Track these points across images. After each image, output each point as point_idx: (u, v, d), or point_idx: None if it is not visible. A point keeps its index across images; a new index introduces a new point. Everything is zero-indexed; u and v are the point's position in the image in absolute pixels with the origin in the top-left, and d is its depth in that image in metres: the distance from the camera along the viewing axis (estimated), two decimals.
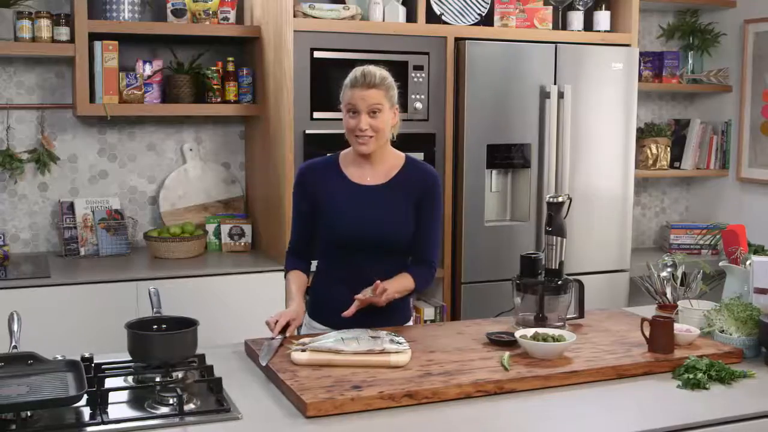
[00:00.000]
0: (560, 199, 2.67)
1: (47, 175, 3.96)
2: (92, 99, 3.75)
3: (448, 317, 4.04)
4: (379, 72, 2.60)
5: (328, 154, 2.80)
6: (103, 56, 3.74)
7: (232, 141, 4.30)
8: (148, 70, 3.92)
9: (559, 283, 2.65)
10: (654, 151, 4.84)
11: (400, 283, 2.66)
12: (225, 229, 4.09)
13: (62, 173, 4.01)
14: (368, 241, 2.65)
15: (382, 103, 2.58)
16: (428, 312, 4.06)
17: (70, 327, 3.40)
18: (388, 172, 2.71)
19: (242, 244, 4.09)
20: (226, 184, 4.28)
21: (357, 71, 2.60)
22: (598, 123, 4.22)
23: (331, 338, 2.33)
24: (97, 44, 3.74)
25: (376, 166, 2.70)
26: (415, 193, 2.68)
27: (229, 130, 4.29)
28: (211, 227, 4.11)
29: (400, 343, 2.31)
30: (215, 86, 3.98)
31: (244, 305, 3.62)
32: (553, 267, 2.67)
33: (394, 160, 2.73)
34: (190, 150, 4.20)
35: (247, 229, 4.11)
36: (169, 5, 3.90)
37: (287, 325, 2.52)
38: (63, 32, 3.70)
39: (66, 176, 4.02)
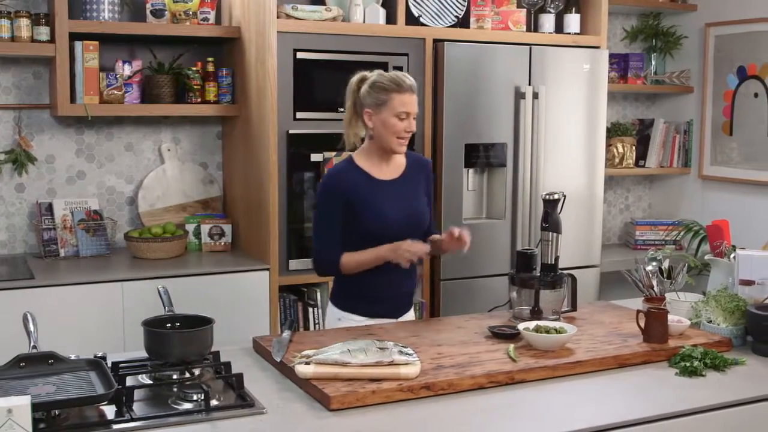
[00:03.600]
0: (556, 196, 2.77)
1: (24, 176, 3.92)
2: (72, 99, 3.73)
3: (428, 314, 4.11)
4: (412, 78, 2.85)
5: (341, 160, 2.96)
6: (83, 56, 3.72)
7: (210, 141, 4.31)
8: (127, 70, 3.91)
9: (554, 277, 2.74)
10: (620, 150, 4.99)
11: None
12: (205, 229, 4.10)
13: (39, 174, 3.97)
14: (396, 230, 2.81)
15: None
16: None
17: (57, 328, 3.37)
18: (399, 166, 2.93)
19: (222, 243, 4.11)
20: (204, 184, 4.29)
21: (398, 75, 2.81)
22: (569, 123, 4.33)
23: (336, 350, 2.23)
24: (78, 44, 3.72)
25: (390, 162, 2.91)
26: (422, 180, 2.95)
27: (207, 131, 4.29)
28: (191, 227, 4.12)
29: (409, 354, 2.22)
30: (196, 87, 3.98)
31: (226, 304, 3.65)
32: (549, 262, 2.76)
33: (399, 155, 2.94)
34: (168, 150, 4.20)
35: (227, 228, 4.12)
36: (148, 5, 3.89)
37: (292, 326, 2.59)
38: (43, 32, 3.67)
39: (43, 177, 3.99)
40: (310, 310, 3.97)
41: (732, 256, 2.79)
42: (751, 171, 4.77)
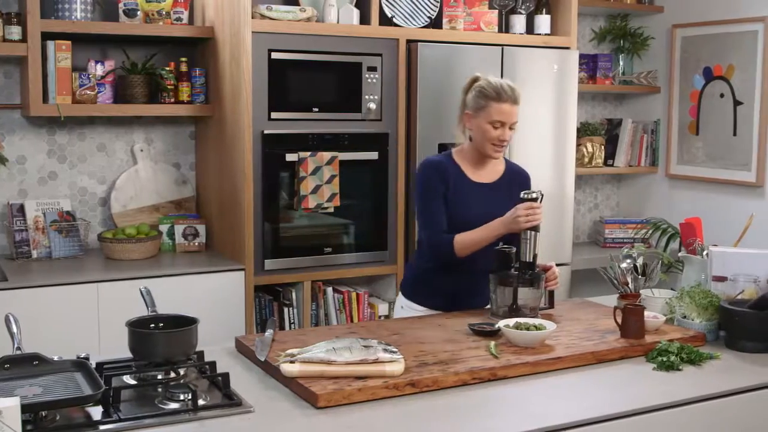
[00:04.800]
0: (534, 195, 2.80)
1: None
2: (45, 99, 3.70)
3: None
4: (518, 88, 2.92)
5: (442, 153, 3.10)
6: (56, 56, 3.70)
7: (183, 141, 4.29)
8: (100, 70, 3.88)
9: (532, 275, 2.78)
10: (589, 149, 5.05)
11: None
12: (179, 229, 4.08)
13: (10, 175, 3.94)
14: None
15: (517, 118, 2.92)
16: (382, 308, 4.15)
17: (32, 330, 3.30)
18: (497, 172, 3.03)
19: (196, 244, 4.10)
20: (177, 185, 4.27)
21: (501, 85, 2.88)
22: (541, 122, 4.38)
23: (321, 348, 2.23)
24: (50, 44, 3.69)
25: (486, 166, 3.01)
26: (515, 191, 2.90)
27: (180, 131, 4.28)
28: (164, 228, 4.10)
29: (393, 352, 2.23)
30: (169, 87, 3.97)
31: (202, 305, 3.62)
32: (528, 260, 2.79)
33: (498, 162, 3.04)
34: (141, 151, 4.18)
35: (201, 229, 4.11)
36: (121, 5, 3.87)
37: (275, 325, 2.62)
38: (15, 31, 3.64)
39: (14, 178, 3.95)
40: (286, 310, 3.98)
41: (705, 253, 2.85)
42: (717, 170, 4.86)
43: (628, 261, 2.98)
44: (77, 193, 4.08)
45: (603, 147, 5.13)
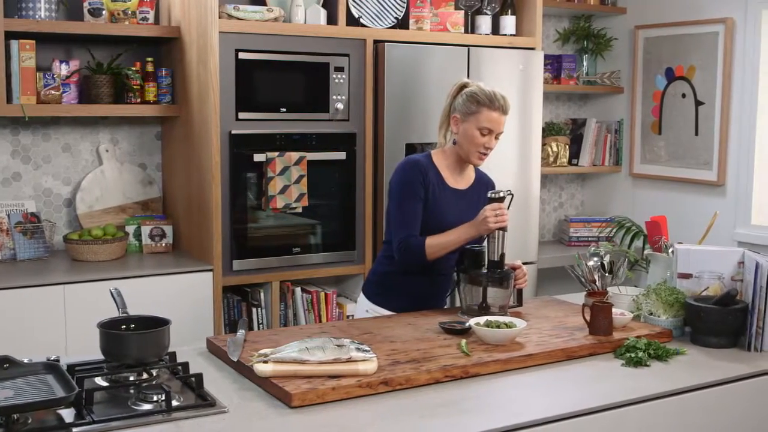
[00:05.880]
0: (501, 194, 2.83)
1: None
2: (8, 99, 3.65)
3: None
4: (509, 99, 2.97)
5: (422, 154, 3.08)
6: (20, 56, 3.65)
7: (149, 142, 4.26)
8: (65, 70, 3.84)
9: (501, 273, 2.80)
10: (554, 149, 5.10)
11: None
12: (146, 230, 4.06)
13: None
14: None
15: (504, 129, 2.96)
16: (350, 307, 4.15)
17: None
18: (469, 179, 3.06)
19: (163, 245, 4.07)
20: (143, 185, 4.24)
21: (494, 93, 2.91)
22: (507, 122, 4.39)
23: (294, 348, 2.23)
24: (14, 43, 3.64)
25: (463, 172, 3.04)
26: (483, 198, 2.95)
27: (145, 131, 4.25)
28: (131, 229, 4.07)
29: (366, 351, 2.24)
30: (135, 87, 3.94)
31: (169, 306, 3.60)
32: (495, 259, 2.82)
33: (471, 169, 3.08)
34: (107, 151, 4.14)
35: (168, 230, 4.09)
36: (85, 4, 3.84)
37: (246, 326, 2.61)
38: None
39: None
40: (254, 310, 3.98)
41: (670, 250, 2.90)
42: (679, 169, 4.94)
43: (596, 259, 3.01)
44: (42, 194, 4.04)
45: (567, 146, 5.18)
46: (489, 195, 2.85)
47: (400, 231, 2.91)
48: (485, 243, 2.87)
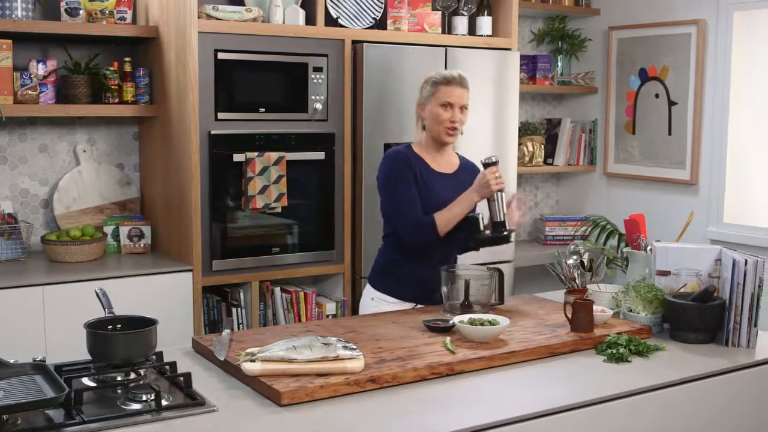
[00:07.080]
0: (494, 159, 3.02)
1: None
2: None
3: (350, 311, 4.16)
4: (465, 75, 3.10)
5: (401, 145, 3.20)
6: None
7: (126, 142, 4.25)
8: (42, 70, 3.82)
9: (509, 231, 3.01)
10: (530, 148, 5.15)
11: None
12: (124, 231, 4.04)
13: None
14: None
15: (468, 102, 3.09)
16: (330, 307, 4.16)
17: None
18: (453, 164, 3.18)
19: (142, 245, 4.06)
20: (121, 186, 4.23)
21: (450, 72, 3.13)
22: (483, 122, 4.46)
23: (281, 347, 2.25)
24: None
25: (445, 157, 3.16)
26: (472, 180, 3.07)
27: (123, 131, 4.23)
28: (109, 229, 4.05)
29: (353, 349, 2.26)
30: (113, 87, 3.93)
31: (149, 306, 3.55)
32: (501, 219, 3.02)
33: (453, 155, 3.21)
34: (84, 151, 4.12)
35: (147, 230, 4.08)
36: (63, 4, 3.81)
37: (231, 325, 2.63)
38: None
39: None
40: (234, 310, 3.98)
41: (648, 248, 2.95)
42: (653, 168, 5.01)
43: (575, 257, 3.05)
44: (18, 195, 4.01)
45: (543, 146, 5.24)
46: (483, 161, 3.02)
47: (404, 216, 3.03)
48: (477, 210, 3.05)
